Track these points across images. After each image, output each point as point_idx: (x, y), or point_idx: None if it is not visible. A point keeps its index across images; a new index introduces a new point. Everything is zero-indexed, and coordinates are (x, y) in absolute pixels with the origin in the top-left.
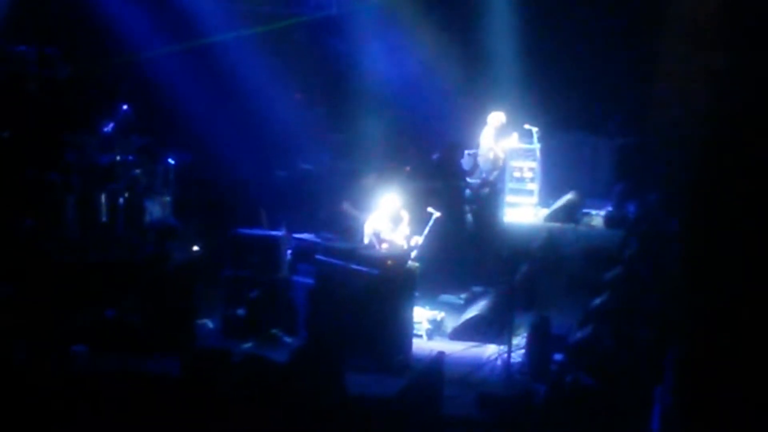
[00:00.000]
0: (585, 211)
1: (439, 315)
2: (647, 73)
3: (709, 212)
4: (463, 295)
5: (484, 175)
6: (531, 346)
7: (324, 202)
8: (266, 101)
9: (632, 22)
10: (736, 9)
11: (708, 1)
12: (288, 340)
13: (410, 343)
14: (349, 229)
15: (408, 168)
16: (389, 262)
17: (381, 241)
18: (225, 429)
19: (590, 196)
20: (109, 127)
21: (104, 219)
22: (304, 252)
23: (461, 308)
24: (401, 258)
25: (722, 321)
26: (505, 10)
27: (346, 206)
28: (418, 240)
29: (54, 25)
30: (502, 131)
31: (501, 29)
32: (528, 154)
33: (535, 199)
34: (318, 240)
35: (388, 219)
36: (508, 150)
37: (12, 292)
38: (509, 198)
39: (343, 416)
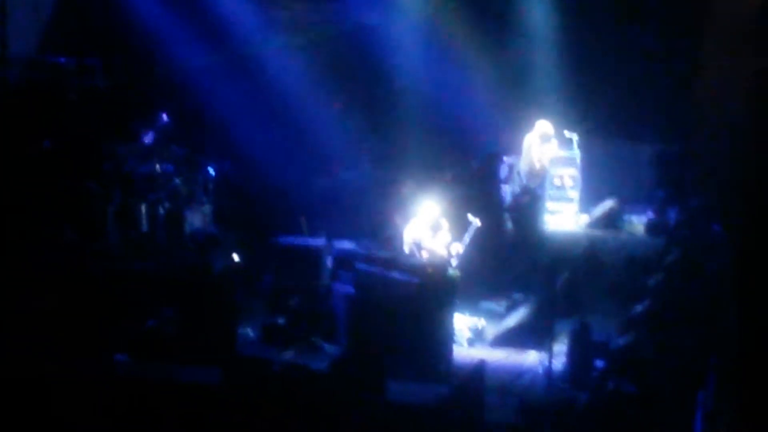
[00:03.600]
0: (626, 218)
1: (479, 322)
2: (688, 78)
3: (755, 217)
4: (503, 303)
5: (524, 182)
6: (572, 353)
7: (364, 211)
8: (306, 109)
9: (673, 27)
10: None
11: (748, 5)
12: (328, 348)
13: (451, 351)
14: (389, 238)
15: (448, 176)
16: (429, 270)
17: (421, 249)
18: None
19: (631, 202)
20: (149, 137)
21: (144, 229)
22: (344, 260)
23: (502, 315)
24: (441, 266)
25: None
26: (545, 17)
27: (397, 218)
28: (459, 248)
29: (94, 36)
30: (546, 140)
31: (541, 37)
32: (568, 161)
33: (575, 206)
34: (358, 248)
35: (428, 227)
36: (551, 158)
37: (55, 302)
38: (549, 205)
39: (384, 424)
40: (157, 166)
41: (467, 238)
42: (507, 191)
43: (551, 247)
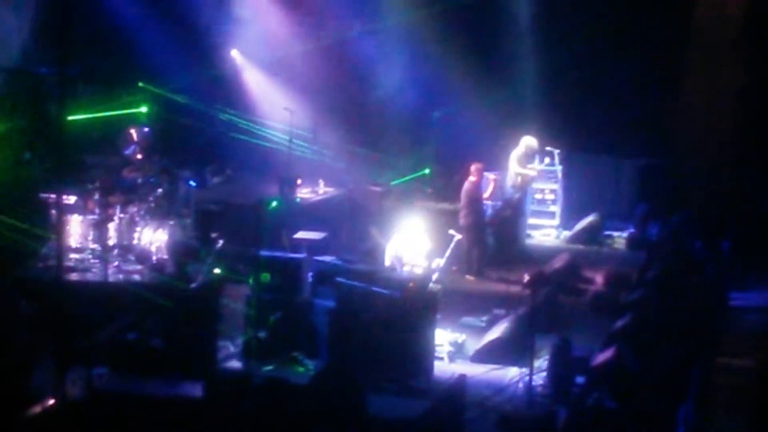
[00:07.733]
0: (607, 233)
1: (460, 337)
2: (671, 93)
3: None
4: (484, 318)
5: (507, 196)
6: (553, 368)
7: (346, 224)
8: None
9: (655, 43)
10: (758, 26)
11: (730, 23)
12: (309, 362)
13: (432, 366)
14: (370, 252)
15: (429, 190)
16: (411, 284)
17: (402, 263)
18: None
19: (612, 217)
20: (130, 149)
21: (125, 240)
22: (325, 274)
23: (483, 331)
24: (423, 280)
25: None
26: (527, 32)
27: (373, 231)
28: (440, 262)
29: (76, 47)
30: (531, 155)
31: (523, 52)
32: (550, 176)
33: (556, 221)
34: (339, 262)
35: (410, 241)
36: (537, 173)
37: (34, 310)
38: (531, 220)
39: None
40: (139, 179)
41: (448, 252)
42: (488, 205)
43: (532, 261)
